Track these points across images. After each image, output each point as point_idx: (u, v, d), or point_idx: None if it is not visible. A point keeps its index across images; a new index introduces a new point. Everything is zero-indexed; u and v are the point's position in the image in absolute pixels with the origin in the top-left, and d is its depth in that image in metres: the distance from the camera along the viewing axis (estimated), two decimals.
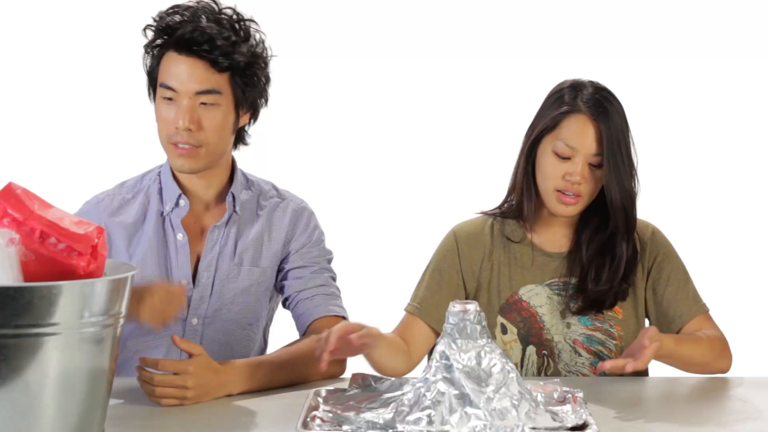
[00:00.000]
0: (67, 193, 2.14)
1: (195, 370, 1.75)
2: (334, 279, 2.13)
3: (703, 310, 2.05)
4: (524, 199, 2.07)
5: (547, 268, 2.08)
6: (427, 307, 2.06)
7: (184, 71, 1.96)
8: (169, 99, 1.97)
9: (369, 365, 1.96)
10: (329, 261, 2.14)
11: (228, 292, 2.05)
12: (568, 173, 1.98)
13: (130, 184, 2.13)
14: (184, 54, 1.96)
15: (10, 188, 1.45)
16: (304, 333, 2.06)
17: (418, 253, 2.25)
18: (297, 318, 2.09)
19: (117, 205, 2.09)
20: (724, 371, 1.99)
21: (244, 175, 2.13)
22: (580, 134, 1.99)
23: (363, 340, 1.75)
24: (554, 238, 2.10)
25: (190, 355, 1.77)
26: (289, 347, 1.97)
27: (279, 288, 2.12)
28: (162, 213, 2.07)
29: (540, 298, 2.07)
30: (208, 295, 2.04)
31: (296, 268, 2.08)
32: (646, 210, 2.14)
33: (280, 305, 2.19)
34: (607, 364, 1.78)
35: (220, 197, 2.09)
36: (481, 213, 2.16)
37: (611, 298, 2.04)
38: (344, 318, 2.07)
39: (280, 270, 2.10)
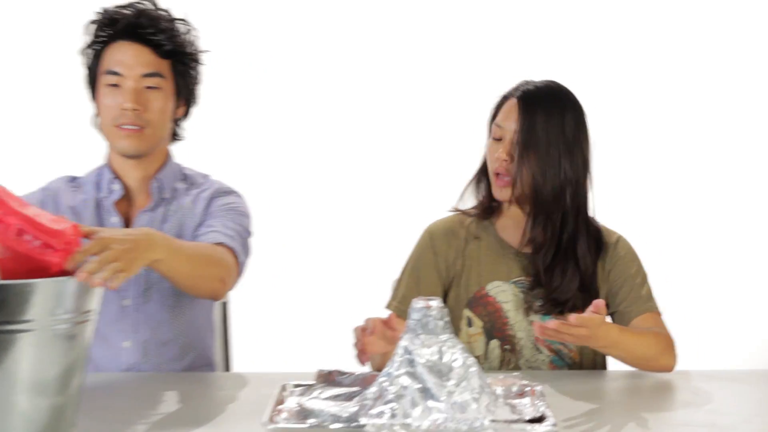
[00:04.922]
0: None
1: (110, 233, 1.63)
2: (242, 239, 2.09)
3: (653, 310, 2.08)
4: (482, 191, 2.16)
5: (514, 266, 2.13)
6: (408, 305, 2.08)
7: (130, 56, 2.06)
8: (114, 85, 2.05)
9: (373, 365, 1.96)
10: (246, 233, 2.12)
11: (156, 272, 2.06)
12: (497, 152, 2.07)
13: (81, 178, 2.19)
14: (130, 40, 2.06)
15: None
16: None
17: (394, 253, 2.28)
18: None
19: (65, 193, 2.15)
20: (669, 369, 1.96)
21: (181, 169, 2.20)
22: (506, 114, 2.10)
23: (401, 329, 1.65)
24: (521, 236, 2.14)
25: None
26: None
27: None
28: (99, 200, 2.13)
29: (506, 294, 2.11)
30: (137, 275, 2.04)
31: (207, 221, 2.10)
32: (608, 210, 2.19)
33: None
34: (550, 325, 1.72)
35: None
36: (455, 211, 2.22)
37: (570, 298, 2.06)
38: (232, 249, 2.04)
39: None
